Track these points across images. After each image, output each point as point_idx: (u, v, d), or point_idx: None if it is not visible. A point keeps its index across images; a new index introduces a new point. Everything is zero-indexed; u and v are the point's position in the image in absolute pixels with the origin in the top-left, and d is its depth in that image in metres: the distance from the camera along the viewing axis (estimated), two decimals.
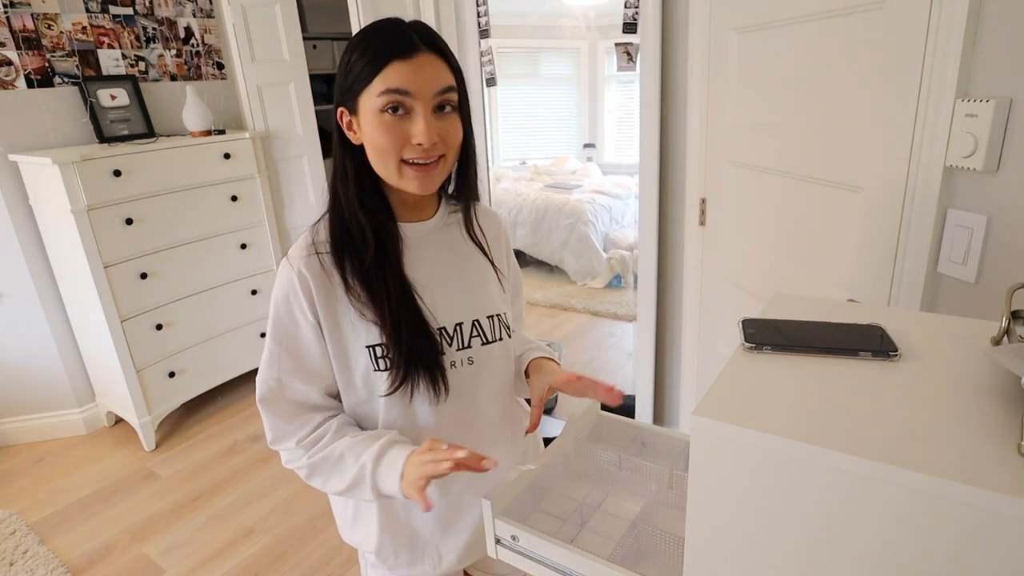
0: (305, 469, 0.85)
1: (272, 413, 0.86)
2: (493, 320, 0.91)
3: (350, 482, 0.83)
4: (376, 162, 0.81)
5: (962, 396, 0.53)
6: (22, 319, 2.43)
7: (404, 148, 0.78)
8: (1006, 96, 0.87)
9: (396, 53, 0.76)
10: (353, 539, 0.99)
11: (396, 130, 0.77)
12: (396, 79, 0.75)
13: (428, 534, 0.94)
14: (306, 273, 0.82)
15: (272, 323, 0.85)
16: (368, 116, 0.78)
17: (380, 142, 0.78)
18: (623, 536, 0.76)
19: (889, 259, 1.08)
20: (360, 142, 0.82)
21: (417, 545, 0.94)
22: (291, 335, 0.84)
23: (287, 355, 0.85)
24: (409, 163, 0.79)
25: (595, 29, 5.87)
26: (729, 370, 0.60)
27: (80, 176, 2.12)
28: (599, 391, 0.87)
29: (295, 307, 0.83)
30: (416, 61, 0.76)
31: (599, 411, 0.99)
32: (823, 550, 0.50)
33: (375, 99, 0.76)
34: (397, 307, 0.82)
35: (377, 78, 0.76)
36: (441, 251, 0.90)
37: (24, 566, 1.88)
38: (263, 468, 2.35)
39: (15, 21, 2.24)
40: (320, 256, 0.83)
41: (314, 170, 3.10)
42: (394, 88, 0.75)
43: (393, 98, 0.76)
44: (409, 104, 0.77)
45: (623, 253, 4.39)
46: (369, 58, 0.76)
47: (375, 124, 0.77)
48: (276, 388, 0.85)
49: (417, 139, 0.77)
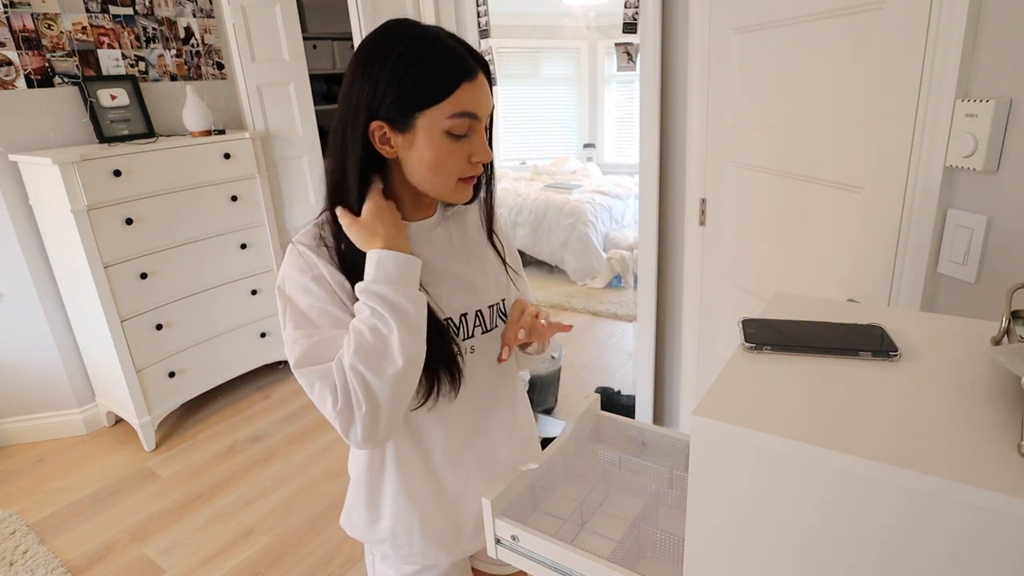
0: (360, 364, 0.74)
1: (315, 369, 0.76)
2: (493, 309, 0.93)
3: (386, 317, 0.74)
4: (430, 178, 0.80)
5: (962, 396, 0.53)
6: (22, 319, 2.43)
7: (466, 168, 0.80)
8: (1006, 96, 0.87)
9: (464, 75, 0.76)
10: (364, 531, 0.99)
11: (461, 151, 0.78)
12: (468, 102, 0.76)
13: (439, 519, 0.94)
14: (315, 257, 0.81)
15: (288, 293, 0.80)
16: (430, 136, 0.77)
17: (446, 163, 0.78)
18: (623, 536, 0.76)
19: (889, 259, 1.08)
20: (394, 156, 0.80)
21: (428, 531, 0.94)
22: (309, 296, 0.79)
23: (308, 315, 0.79)
24: (463, 179, 0.81)
25: (595, 29, 5.87)
26: (729, 370, 0.60)
27: (80, 176, 2.12)
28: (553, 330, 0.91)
29: (310, 279, 0.80)
30: (479, 82, 0.77)
31: (599, 411, 0.99)
32: (823, 550, 0.50)
33: (443, 121, 0.76)
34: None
35: (448, 100, 0.75)
36: (443, 245, 0.91)
37: (24, 566, 1.88)
38: (263, 468, 2.35)
39: (15, 21, 2.24)
40: (330, 250, 0.82)
41: (314, 170, 3.10)
42: (467, 112, 0.76)
43: (466, 122, 0.77)
44: (474, 126, 0.78)
45: (623, 253, 4.39)
46: (435, 79, 0.75)
47: (440, 144, 0.77)
48: (312, 347, 0.77)
49: (479, 158, 0.79)
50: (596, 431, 0.98)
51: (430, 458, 0.92)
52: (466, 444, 0.94)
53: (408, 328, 0.76)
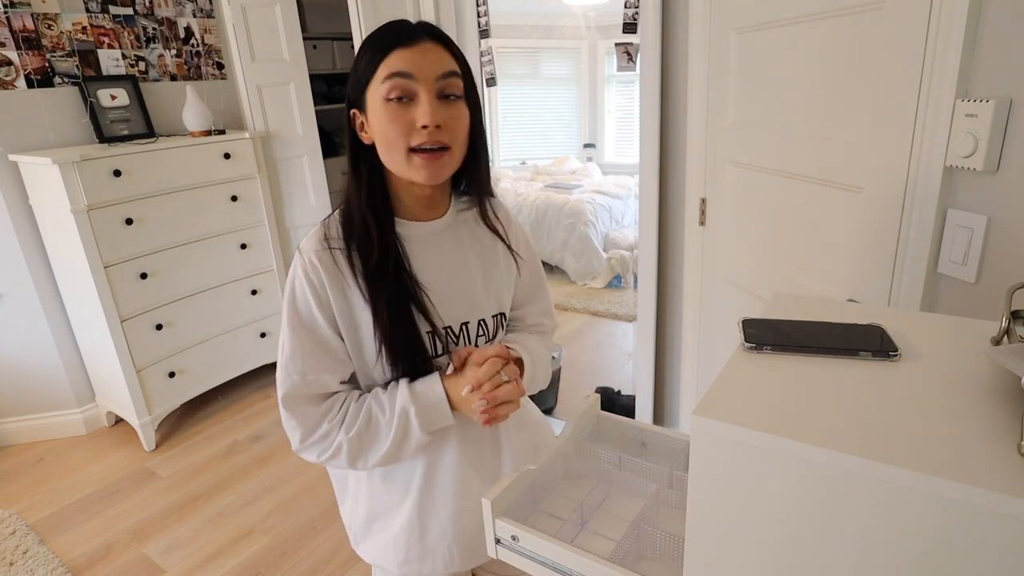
0: (345, 447, 0.83)
1: (296, 408, 0.84)
2: (498, 319, 0.93)
3: (395, 434, 0.83)
4: (385, 153, 0.81)
5: (962, 396, 0.53)
6: (22, 319, 2.43)
7: (411, 135, 0.78)
8: (1006, 96, 0.87)
9: (397, 42, 0.78)
10: (369, 554, 0.99)
11: (402, 117, 0.78)
12: (398, 63, 0.77)
13: (440, 532, 0.94)
14: (318, 265, 0.82)
15: (289, 316, 0.84)
16: (375, 107, 0.79)
17: (387, 131, 0.78)
18: (623, 536, 0.76)
19: (889, 259, 1.08)
20: (371, 141, 0.83)
21: (427, 544, 0.94)
22: (309, 327, 0.83)
23: (308, 347, 0.83)
24: (416, 151, 0.79)
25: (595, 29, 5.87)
26: (729, 370, 0.60)
27: (80, 176, 2.12)
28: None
29: (311, 298, 0.83)
30: (418, 47, 0.78)
31: (599, 411, 0.99)
32: (823, 550, 0.50)
33: (380, 87, 0.78)
34: (390, 318, 0.83)
35: (381, 66, 0.77)
36: (452, 250, 0.91)
37: (24, 566, 1.88)
38: (263, 468, 2.35)
39: (15, 21, 2.24)
40: (332, 251, 0.83)
41: (314, 170, 3.10)
42: (396, 71, 0.77)
43: (396, 82, 0.77)
44: (413, 88, 0.77)
45: (623, 253, 4.39)
46: (372, 51, 0.79)
47: (382, 114, 0.78)
48: (300, 383, 0.84)
49: (421, 121, 0.77)
50: (596, 431, 0.98)
51: (438, 468, 0.92)
52: (471, 448, 0.94)
53: (398, 452, 0.85)
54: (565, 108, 6.31)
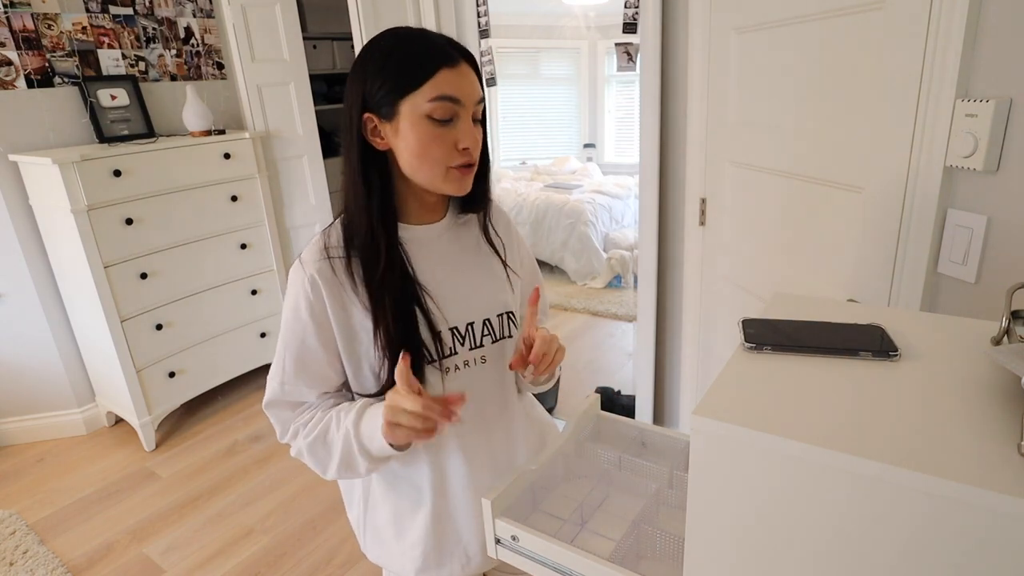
0: (305, 452, 0.87)
1: (273, 411, 0.91)
2: (503, 318, 0.92)
3: (341, 453, 0.84)
4: (417, 167, 0.81)
5: (962, 396, 0.53)
6: (22, 319, 2.43)
7: (452, 155, 0.80)
8: (1006, 96, 0.87)
9: (443, 61, 0.77)
10: (382, 559, 0.98)
11: (444, 138, 0.79)
12: (447, 86, 0.77)
13: (456, 538, 0.93)
14: (318, 278, 0.83)
15: (283, 328, 0.87)
16: (413, 121, 0.78)
17: (431, 149, 0.79)
18: (623, 536, 0.76)
19: (889, 259, 1.08)
20: (387, 147, 0.82)
21: (445, 550, 0.94)
22: (298, 340, 0.86)
23: (293, 360, 0.87)
24: (454, 168, 0.81)
25: (595, 29, 5.87)
26: (729, 370, 0.60)
27: (80, 176, 2.12)
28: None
29: (305, 312, 0.84)
30: (461, 70, 0.78)
31: (599, 411, 0.99)
32: (822, 549, 0.50)
33: (424, 105, 0.77)
34: (394, 321, 0.83)
35: (427, 84, 0.77)
36: (452, 251, 0.91)
37: (24, 566, 1.88)
38: (263, 468, 2.35)
39: (15, 21, 2.24)
40: (332, 260, 0.84)
41: (314, 170, 3.10)
42: (446, 95, 0.77)
43: (446, 105, 0.77)
44: (458, 112, 0.79)
45: (623, 253, 4.39)
46: (415, 65, 0.77)
47: (422, 130, 0.78)
48: (279, 391, 0.88)
49: (464, 144, 0.80)
50: (596, 431, 0.98)
51: (448, 474, 0.92)
52: (481, 451, 0.93)
53: (351, 467, 0.85)
54: (565, 108, 6.31)
